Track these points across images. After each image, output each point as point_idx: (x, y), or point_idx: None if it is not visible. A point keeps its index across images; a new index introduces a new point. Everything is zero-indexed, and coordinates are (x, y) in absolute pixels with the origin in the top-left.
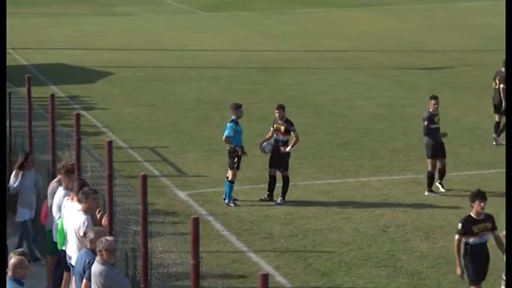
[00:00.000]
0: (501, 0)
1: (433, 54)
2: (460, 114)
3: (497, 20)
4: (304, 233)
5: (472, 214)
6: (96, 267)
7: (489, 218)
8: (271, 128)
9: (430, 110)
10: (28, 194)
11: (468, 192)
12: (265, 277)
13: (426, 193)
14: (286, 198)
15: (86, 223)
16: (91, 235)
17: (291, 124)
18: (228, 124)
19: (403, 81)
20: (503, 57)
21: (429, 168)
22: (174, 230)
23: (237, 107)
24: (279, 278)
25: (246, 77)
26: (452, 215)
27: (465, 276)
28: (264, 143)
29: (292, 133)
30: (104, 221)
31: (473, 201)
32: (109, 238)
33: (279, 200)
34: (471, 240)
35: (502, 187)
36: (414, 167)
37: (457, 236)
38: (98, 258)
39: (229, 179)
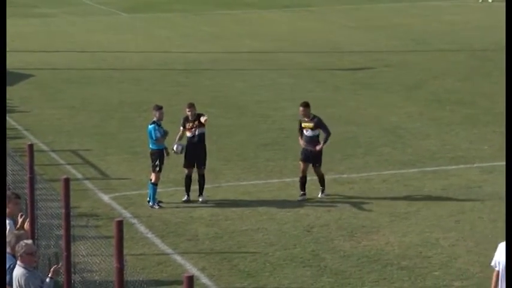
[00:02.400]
0: (417, 2)
1: (354, 55)
2: (382, 114)
3: (415, 21)
4: (229, 234)
5: None
6: (18, 271)
7: None
8: (182, 128)
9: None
10: None
11: (390, 191)
12: (191, 279)
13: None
14: (210, 199)
15: (8, 228)
16: (11, 240)
17: (201, 115)
18: (150, 126)
19: (325, 82)
20: (425, 57)
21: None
22: (98, 234)
23: (158, 109)
24: (204, 280)
25: (168, 78)
26: (374, 215)
27: None
28: (176, 145)
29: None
30: (26, 226)
31: None
32: (27, 241)
33: (201, 199)
34: None
35: (423, 186)
36: (337, 167)
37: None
38: (19, 262)
39: (152, 181)
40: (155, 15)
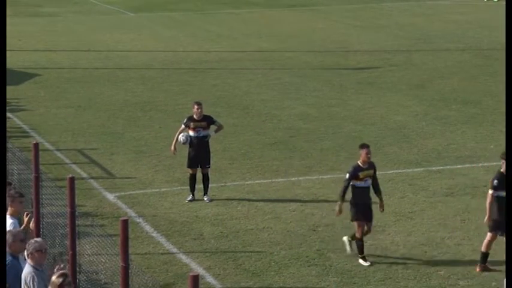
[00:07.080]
0: (423, 1)
1: (359, 54)
2: (387, 114)
3: (420, 20)
4: (234, 233)
5: None
6: (25, 270)
7: None
8: (183, 126)
9: (359, 162)
10: None
11: (396, 190)
12: (196, 278)
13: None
14: (216, 198)
15: (13, 227)
16: (9, 239)
17: (211, 117)
18: None
19: (331, 81)
20: (431, 56)
21: (357, 235)
22: (103, 233)
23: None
24: (209, 279)
25: (174, 77)
26: (379, 214)
27: None
28: (181, 137)
29: (215, 123)
30: (32, 224)
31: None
32: (38, 239)
33: (207, 199)
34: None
35: (429, 185)
36: (343, 166)
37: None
38: (29, 261)
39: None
40: (161, 15)
